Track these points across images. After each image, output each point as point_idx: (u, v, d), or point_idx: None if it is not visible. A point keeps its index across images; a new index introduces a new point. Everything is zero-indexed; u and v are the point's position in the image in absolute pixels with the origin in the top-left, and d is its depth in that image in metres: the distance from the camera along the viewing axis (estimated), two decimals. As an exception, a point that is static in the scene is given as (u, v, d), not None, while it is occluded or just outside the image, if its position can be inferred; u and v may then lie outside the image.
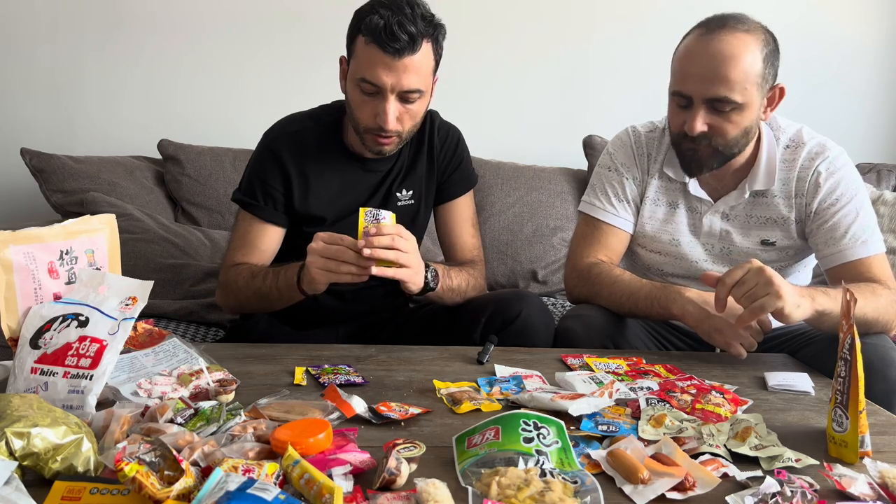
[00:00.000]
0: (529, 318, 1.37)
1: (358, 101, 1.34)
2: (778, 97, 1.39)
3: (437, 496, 0.71)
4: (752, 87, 1.31)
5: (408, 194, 1.51)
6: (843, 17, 2.70)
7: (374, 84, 1.29)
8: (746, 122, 1.34)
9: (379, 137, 1.35)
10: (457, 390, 1.07)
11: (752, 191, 1.44)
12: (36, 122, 2.40)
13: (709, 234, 1.48)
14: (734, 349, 1.24)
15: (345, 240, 1.19)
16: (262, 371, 1.14)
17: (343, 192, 1.46)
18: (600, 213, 1.51)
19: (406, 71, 1.28)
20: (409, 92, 1.31)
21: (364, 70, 1.29)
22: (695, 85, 1.32)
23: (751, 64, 1.30)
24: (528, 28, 2.59)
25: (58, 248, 1.02)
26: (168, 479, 0.70)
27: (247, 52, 2.47)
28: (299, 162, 1.44)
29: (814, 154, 1.42)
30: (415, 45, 1.27)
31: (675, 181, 1.49)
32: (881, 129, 2.80)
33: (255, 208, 1.44)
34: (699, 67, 1.31)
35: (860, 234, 1.37)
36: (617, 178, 1.52)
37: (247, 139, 2.36)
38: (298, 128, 1.46)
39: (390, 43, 1.25)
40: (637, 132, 1.54)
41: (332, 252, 1.18)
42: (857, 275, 1.35)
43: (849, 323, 0.91)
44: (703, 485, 0.79)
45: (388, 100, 1.30)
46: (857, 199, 1.40)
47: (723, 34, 1.31)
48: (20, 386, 0.91)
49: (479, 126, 1.68)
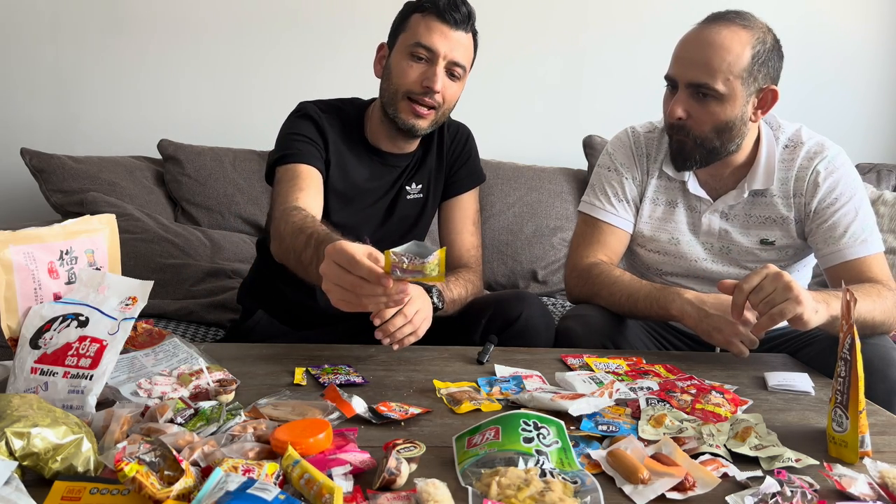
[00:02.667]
0: (530, 319, 1.37)
1: (405, 68, 1.38)
2: (770, 100, 1.38)
3: (437, 496, 0.71)
4: (736, 81, 1.31)
5: (417, 188, 1.54)
6: (844, 18, 2.70)
7: (429, 48, 1.36)
8: (725, 115, 1.34)
9: (418, 106, 1.39)
10: (457, 390, 1.07)
11: (750, 190, 1.44)
12: (36, 122, 2.40)
13: (708, 233, 1.48)
14: (735, 347, 1.23)
15: (360, 268, 0.96)
16: (262, 371, 1.14)
17: (369, 182, 1.49)
18: (600, 212, 1.51)
19: (459, 44, 1.38)
20: (456, 65, 1.39)
21: (420, 35, 1.37)
22: (680, 68, 1.35)
23: (737, 56, 1.31)
24: (528, 28, 2.59)
25: (58, 248, 1.02)
26: (168, 479, 0.70)
27: (247, 52, 2.47)
28: (333, 135, 1.45)
29: (812, 154, 1.42)
30: (468, 22, 1.39)
31: (674, 180, 1.49)
32: (881, 129, 2.80)
33: (295, 156, 1.38)
34: (687, 52, 1.35)
35: (859, 233, 1.37)
36: (616, 177, 1.52)
37: (247, 139, 2.37)
38: (328, 110, 1.48)
39: (451, 12, 1.36)
40: (636, 132, 1.55)
41: (348, 283, 0.98)
42: (856, 274, 1.35)
43: (849, 323, 0.91)
44: (703, 485, 0.79)
45: (438, 65, 1.37)
46: (855, 199, 1.40)
47: (718, 25, 1.33)
48: (20, 386, 0.91)
49: (479, 126, 1.68)
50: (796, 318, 1.13)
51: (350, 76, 2.49)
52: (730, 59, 1.30)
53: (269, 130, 1.53)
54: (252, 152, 2.30)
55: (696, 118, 1.35)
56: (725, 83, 1.31)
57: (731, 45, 1.31)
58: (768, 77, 1.36)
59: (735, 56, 1.31)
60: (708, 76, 1.31)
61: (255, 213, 2.23)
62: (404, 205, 1.53)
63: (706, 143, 1.37)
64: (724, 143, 1.38)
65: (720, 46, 1.31)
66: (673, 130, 1.40)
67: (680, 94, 1.35)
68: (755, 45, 1.32)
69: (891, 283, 1.35)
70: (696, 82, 1.33)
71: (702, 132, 1.36)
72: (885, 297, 1.29)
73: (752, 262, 1.46)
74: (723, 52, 1.30)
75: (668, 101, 1.40)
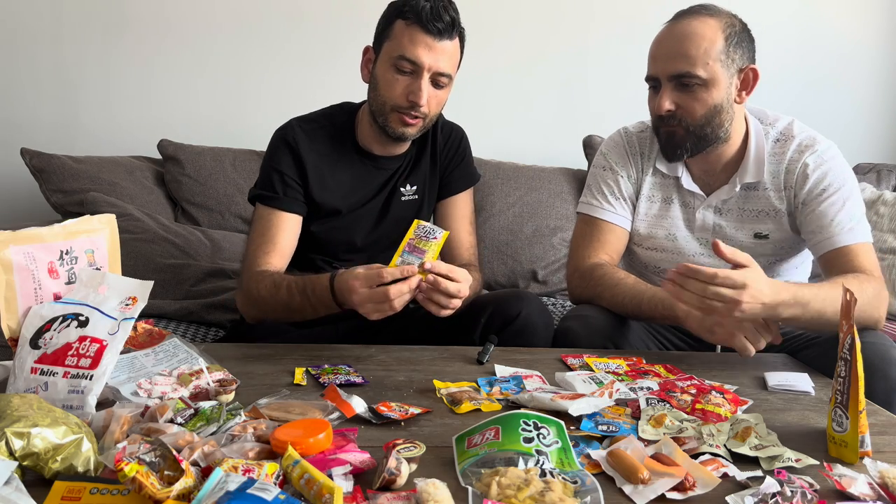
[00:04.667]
0: (529, 317, 1.38)
1: (390, 80, 1.38)
2: (752, 79, 1.40)
3: (437, 496, 0.71)
4: (715, 63, 1.35)
5: (412, 189, 1.55)
6: (843, 17, 2.70)
7: (412, 62, 1.35)
8: (714, 99, 1.37)
9: (407, 117, 1.39)
10: (457, 390, 1.07)
11: (742, 184, 1.45)
12: (36, 122, 2.40)
13: (702, 229, 1.50)
14: (738, 341, 1.22)
15: (384, 276, 1.15)
16: (262, 371, 1.14)
17: (355, 188, 1.50)
18: (598, 211, 1.52)
19: (443, 54, 1.36)
20: (441, 75, 1.38)
21: (404, 48, 1.35)
22: (660, 65, 1.38)
23: (710, 41, 1.34)
24: (527, 28, 2.59)
25: (58, 248, 1.02)
26: (168, 479, 0.70)
27: (247, 52, 2.47)
28: (314, 155, 1.47)
29: (803, 147, 1.43)
30: (453, 31, 1.36)
31: (668, 176, 1.51)
32: (881, 129, 2.80)
33: (273, 200, 1.44)
34: (663, 49, 1.39)
35: (846, 221, 1.38)
36: (612, 176, 1.53)
37: (247, 139, 2.37)
38: (313, 125, 1.50)
39: (434, 23, 1.33)
40: (629, 132, 1.58)
41: (380, 296, 1.15)
42: (844, 262, 1.36)
43: (849, 323, 0.91)
44: (703, 485, 0.79)
45: (422, 78, 1.36)
46: (844, 190, 1.40)
47: (687, 18, 1.38)
48: (20, 386, 0.91)
49: (480, 126, 1.69)
50: (730, 302, 1.12)
51: (350, 76, 2.48)
52: (705, 45, 1.34)
53: (269, 130, 1.53)
54: (252, 152, 2.30)
55: (686, 107, 1.38)
56: (706, 68, 1.34)
57: (704, 32, 1.35)
58: (745, 57, 1.39)
59: (709, 41, 1.34)
60: (688, 65, 1.34)
61: (255, 213, 2.23)
62: (399, 206, 1.53)
63: (697, 131, 1.39)
64: (714, 129, 1.40)
65: (694, 35, 1.35)
66: (662, 122, 1.42)
67: (665, 89, 1.38)
68: (725, 28, 1.36)
69: (876, 272, 1.34)
70: (679, 73, 1.35)
71: (693, 119, 1.38)
72: (865, 288, 1.29)
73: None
74: (697, 40, 1.34)
75: (652, 101, 1.43)
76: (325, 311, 1.30)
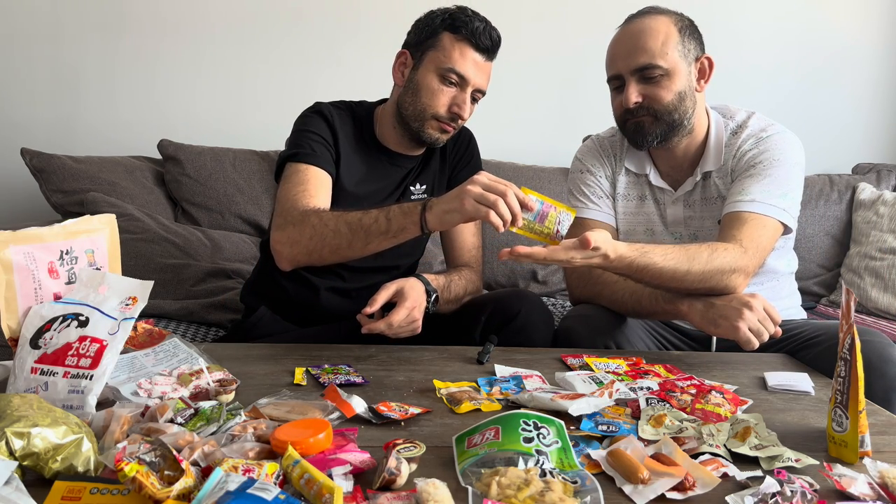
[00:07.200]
0: (529, 316, 1.38)
1: (435, 90, 1.42)
2: (709, 68, 1.46)
3: (437, 496, 0.71)
4: (674, 53, 1.40)
5: (422, 188, 1.57)
6: (842, 17, 2.70)
7: (461, 76, 1.41)
8: (677, 86, 1.41)
9: (446, 125, 1.44)
10: (457, 390, 1.07)
11: (703, 173, 1.49)
12: (36, 122, 2.40)
13: (675, 223, 1.53)
14: (742, 334, 1.21)
15: (510, 185, 1.15)
16: (262, 371, 1.14)
17: (369, 178, 1.52)
18: (584, 210, 1.55)
19: (486, 72, 1.45)
20: (480, 91, 1.46)
21: (455, 62, 1.40)
22: (621, 62, 1.43)
23: (666, 34, 1.40)
24: (527, 28, 2.59)
25: (58, 248, 1.02)
26: (168, 479, 0.70)
27: (247, 52, 2.47)
28: (343, 134, 1.48)
29: (752, 135, 1.46)
30: (496, 53, 1.45)
31: (639, 175, 1.55)
32: (880, 130, 2.80)
33: (310, 157, 1.42)
34: (622, 47, 1.44)
35: (755, 193, 1.38)
36: (590, 177, 1.58)
37: (247, 139, 2.37)
38: (339, 110, 1.52)
39: (484, 40, 1.41)
40: (600, 137, 1.63)
41: (497, 189, 1.14)
42: (727, 230, 1.35)
43: (849, 323, 0.91)
44: (703, 485, 0.79)
45: (467, 92, 1.43)
46: (772, 169, 1.40)
47: (639, 18, 1.44)
48: (20, 386, 0.91)
49: (479, 126, 1.69)
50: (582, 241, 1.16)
51: (350, 77, 2.50)
52: (662, 38, 1.40)
53: (269, 130, 1.54)
54: (252, 152, 2.30)
55: (653, 96, 1.41)
56: (665, 58, 1.39)
57: (658, 27, 1.41)
58: (698, 48, 1.45)
59: (665, 35, 1.40)
60: (649, 57, 1.39)
61: (255, 213, 2.23)
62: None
63: (665, 117, 1.42)
64: (680, 115, 1.43)
65: (649, 30, 1.41)
66: (630, 115, 1.44)
67: (629, 84, 1.42)
68: (676, 23, 1.42)
69: (748, 246, 1.31)
70: (642, 65, 1.40)
71: (662, 105, 1.41)
72: (713, 256, 1.26)
73: None
74: (654, 34, 1.40)
75: (616, 100, 1.47)
76: (399, 222, 1.24)
